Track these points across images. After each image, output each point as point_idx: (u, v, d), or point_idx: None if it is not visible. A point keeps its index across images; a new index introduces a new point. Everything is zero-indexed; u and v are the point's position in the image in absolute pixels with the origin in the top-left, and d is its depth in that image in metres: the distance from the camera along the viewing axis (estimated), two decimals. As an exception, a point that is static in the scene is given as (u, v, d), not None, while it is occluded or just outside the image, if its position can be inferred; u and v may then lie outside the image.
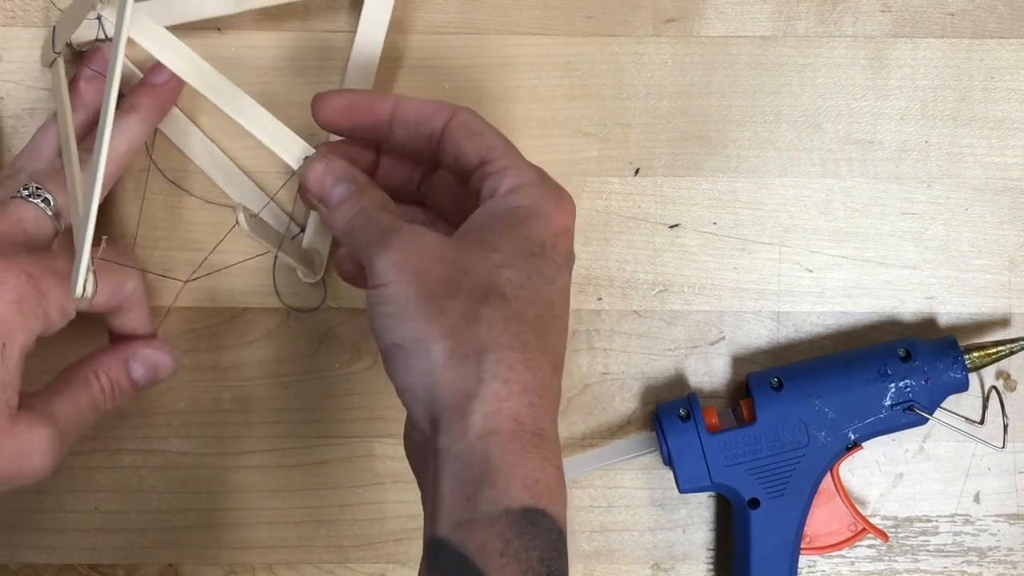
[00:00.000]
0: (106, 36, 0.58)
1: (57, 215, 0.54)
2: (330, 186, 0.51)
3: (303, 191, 0.53)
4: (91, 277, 0.50)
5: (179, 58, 0.52)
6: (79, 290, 0.50)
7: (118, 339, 0.58)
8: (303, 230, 0.61)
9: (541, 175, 0.50)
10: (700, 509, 0.62)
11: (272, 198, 0.60)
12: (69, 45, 0.58)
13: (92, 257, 0.50)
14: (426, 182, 0.56)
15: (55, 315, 0.52)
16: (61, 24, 0.58)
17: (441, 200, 0.56)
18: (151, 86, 0.58)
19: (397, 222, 0.49)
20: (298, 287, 0.61)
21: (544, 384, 0.46)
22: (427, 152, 0.52)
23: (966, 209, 0.62)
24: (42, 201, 0.54)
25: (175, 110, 0.60)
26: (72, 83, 0.58)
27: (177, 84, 0.59)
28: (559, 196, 0.50)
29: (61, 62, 0.58)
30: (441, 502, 0.44)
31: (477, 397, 0.44)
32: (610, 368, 0.62)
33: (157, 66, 0.58)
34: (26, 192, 0.54)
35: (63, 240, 0.55)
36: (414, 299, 0.46)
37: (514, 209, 0.49)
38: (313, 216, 0.60)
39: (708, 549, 0.63)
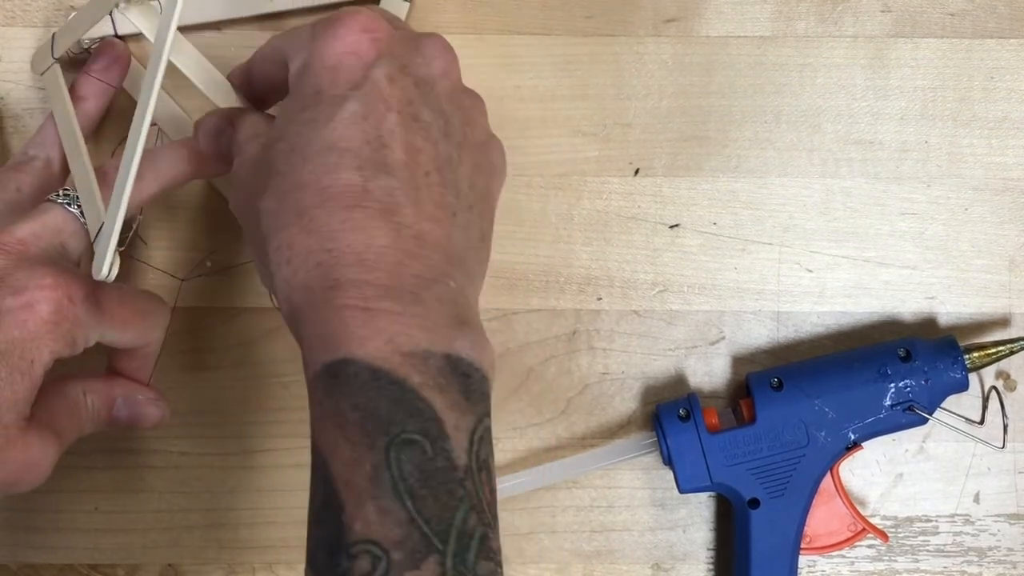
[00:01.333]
0: (116, 32, 0.58)
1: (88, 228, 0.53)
2: (214, 140, 0.52)
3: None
4: (117, 260, 0.50)
5: (193, 63, 0.52)
6: (104, 271, 0.50)
7: (113, 373, 0.57)
8: None
9: (315, 24, 0.47)
10: (700, 509, 0.62)
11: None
12: (75, 47, 0.58)
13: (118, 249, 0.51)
14: None
15: (80, 342, 0.51)
16: (67, 28, 0.57)
17: None
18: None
19: (232, 152, 0.50)
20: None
21: (331, 235, 0.43)
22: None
23: (966, 209, 0.62)
24: (79, 211, 0.52)
25: (178, 110, 0.60)
26: (78, 78, 0.58)
27: (124, 62, 0.59)
28: (332, 23, 0.46)
29: (58, 68, 0.58)
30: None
31: (274, 291, 0.45)
32: (610, 368, 0.62)
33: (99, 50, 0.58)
34: (65, 198, 0.52)
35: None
36: (245, 230, 0.48)
37: (295, 76, 0.47)
38: None
39: (708, 549, 0.63)
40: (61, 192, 0.52)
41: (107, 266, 0.50)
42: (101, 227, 0.50)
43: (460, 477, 0.40)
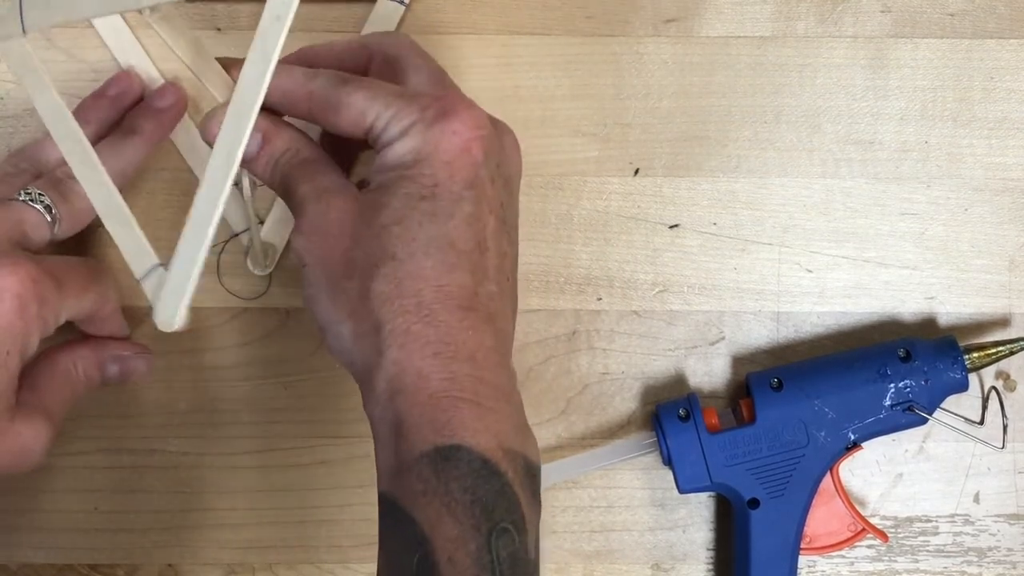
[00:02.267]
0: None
1: (53, 223, 0.54)
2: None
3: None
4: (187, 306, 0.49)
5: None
6: (179, 322, 0.48)
7: (94, 337, 0.58)
8: (262, 222, 0.61)
9: (424, 105, 0.48)
10: (700, 509, 0.63)
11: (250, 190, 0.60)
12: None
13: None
14: None
15: (51, 321, 0.52)
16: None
17: None
18: (156, 109, 0.58)
19: (305, 191, 0.49)
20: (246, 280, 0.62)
21: (448, 331, 0.46)
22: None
23: (966, 209, 0.62)
24: (43, 207, 0.54)
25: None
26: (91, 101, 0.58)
27: (180, 107, 0.59)
28: (446, 116, 0.47)
29: (27, 44, 0.52)
30: (378, 462, 0.46)
31: (379, 367, 0.46)
32: (610, 368, 0.62)
33: (162, 89, 0.58)
34: (28, 196, 0.54)
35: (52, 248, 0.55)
36: (324, 283, 0.48)
37: (401, 157, 0.47)
38: (275, 208, 0.61)
39: (708, 549, 0.63)
40: (23, 191, 0.54)
41: (180, 317, 0.49)
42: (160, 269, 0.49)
43: (532, 570, 0.46)
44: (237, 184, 0.59)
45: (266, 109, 0.49)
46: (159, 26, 0.54)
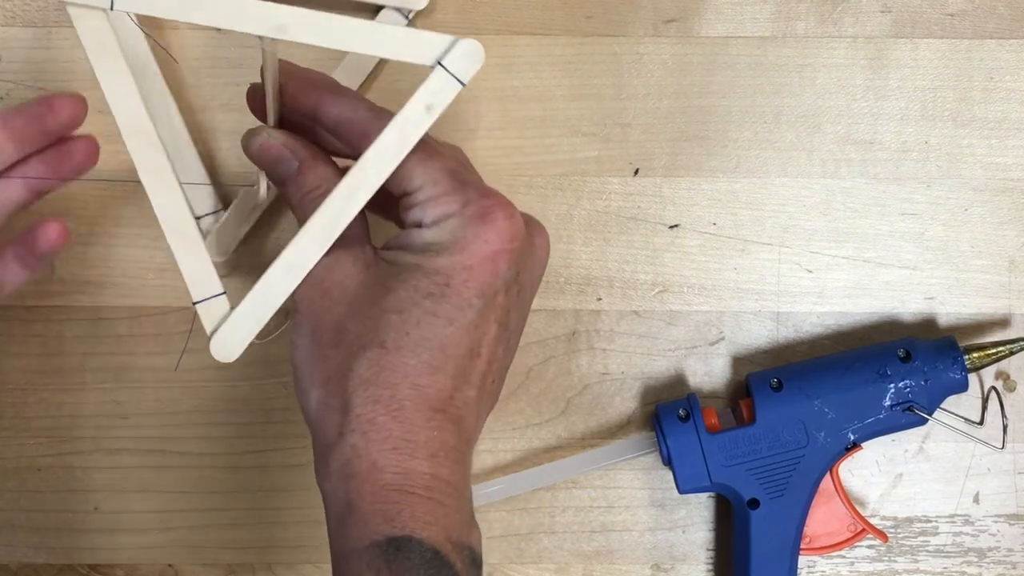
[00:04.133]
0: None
1: None
2: (271, 165, 0.50)
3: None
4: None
5: None
6: (237, 356, 0.48)
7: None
8: (226, 207, 0.60)
9: (467, 200, 0.48)
10: (700, 509, 0.63)
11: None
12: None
13: None
14: None
15: None
16: None
17: None
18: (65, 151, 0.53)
19: None
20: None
21: (412, 429, 0.46)
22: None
23: (966, 209, 0.62)
24: None
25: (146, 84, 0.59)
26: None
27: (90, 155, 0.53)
28: (484, 222, 0.47)
29: (107, 20, 0.47)
30: (329, 537, 0.47)
31: (337, 447, 0.46)
32: (610, 368, 0.62)
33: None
34: None
35: None
36: (308, 341, 0.48)
37: (428, 245, 0.48)
38: (241, 196, 0.60)
39: (708, 549, 0.63)
40: None
41: (240, 352, 0.48)
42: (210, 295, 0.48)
43: None
44: (253, 185, 0.59)
45: (309, 135, 0.49)
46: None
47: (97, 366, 0.61)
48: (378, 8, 0.60)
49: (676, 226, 0.62)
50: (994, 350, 0.59)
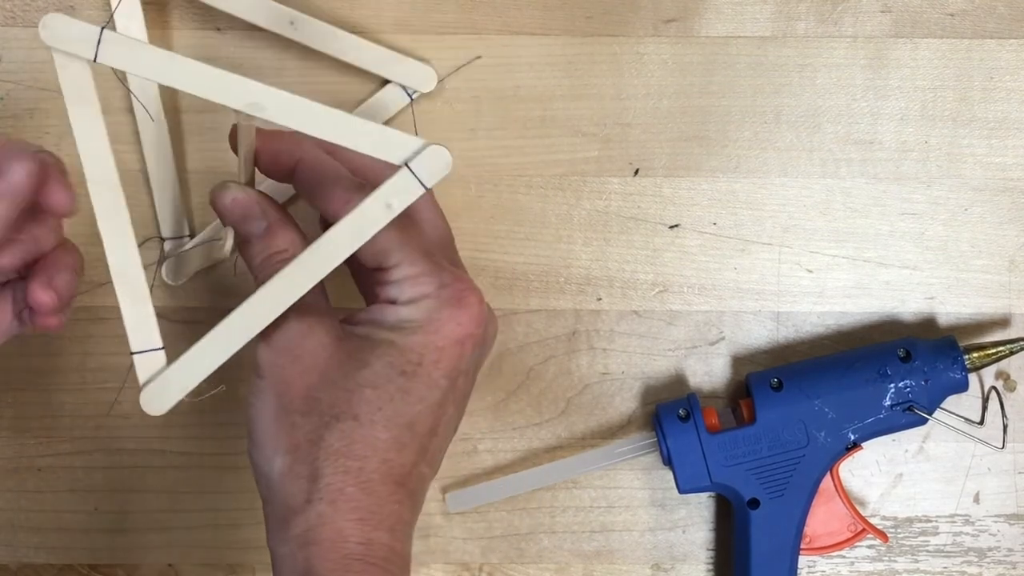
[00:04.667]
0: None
1: None
2: (240, 222, 0.50)
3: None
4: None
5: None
6: (165, 411, 0.49)
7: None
8: (192, 235, 0.61)
9: (443, 283, 0.49)
10: (700, 509, 0.63)
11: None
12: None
13: None
14: None
15: None
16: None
17: None
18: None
19: (283, 313, 0.48)
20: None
21: (379, 502, 0.47)
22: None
23: (966, 209, 0.62)
24: None
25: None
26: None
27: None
28: (458, 305, 0.48)
29: (89, 70, 0.46)
30: None
31: (302, 513, 0.47)
32: (610, 368, 0.62)
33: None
34: None
35: None
36: (273, 406, 0.48)
37: (402, 322, 0.48)
38: (209, 229, 0.61)
39: (708, 549, 0.63)
40: None
41: (169, 407, 0.49)
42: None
43: None
44: (219, 240, 0.59)
45: (276, 201, 0.50)
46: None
47: (97, 366, 0.61)
48: (385, 81, 0.60)
49: (676, 226, 0.62)
50: (994, 350, 0.59)
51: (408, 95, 0.60)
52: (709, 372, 0.62)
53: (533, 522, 0.62)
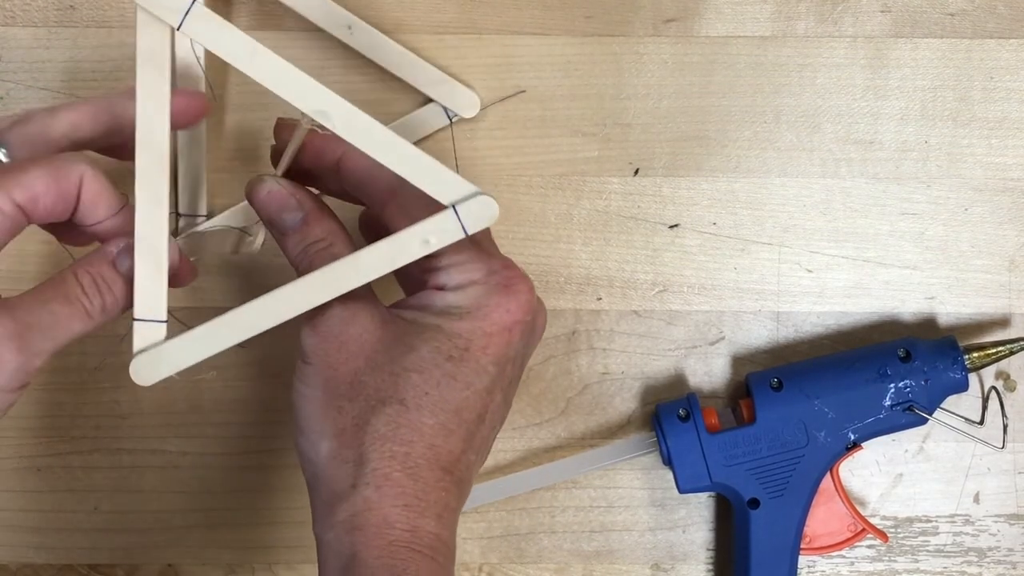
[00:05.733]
0: None
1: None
2: (276, 213, 0.50)
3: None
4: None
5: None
6: (153, 383, 0.48)
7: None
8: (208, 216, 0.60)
9: (491, 269, 0.48)
10: (700, 509, 0.63)
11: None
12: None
13: None
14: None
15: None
16: None
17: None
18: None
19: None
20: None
21: (425, 488, 0.47)
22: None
23: (966, 209, 0.62)
24: None
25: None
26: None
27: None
28: (507, 292, 0.48)
29: (172, 35, 0.46)
30: None
31: (348, 499, 0.46)
32: (610, 368, 0.62)
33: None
34: None
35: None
36: (320, 392, 0.48)
37: (449, 308, 0.48)
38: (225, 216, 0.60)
39: (708, 549, 0.63)
40: None
41: (157, 381, 0.48)
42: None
43: None
44: (247, 231, 0.59)
45: (317, 189, 0.49)
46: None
47: (97, 366, 0.61)
48: (427, 99, 0.60)
49: (676, 226, 0.62)
50: (994, 350, 0.59)
51: (448, 117, 0.60)
52: (709, 372, 0.62)
53: (533, 522, 0.62)
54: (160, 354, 0.48)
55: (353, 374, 0.48)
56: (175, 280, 0.50)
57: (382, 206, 0.50)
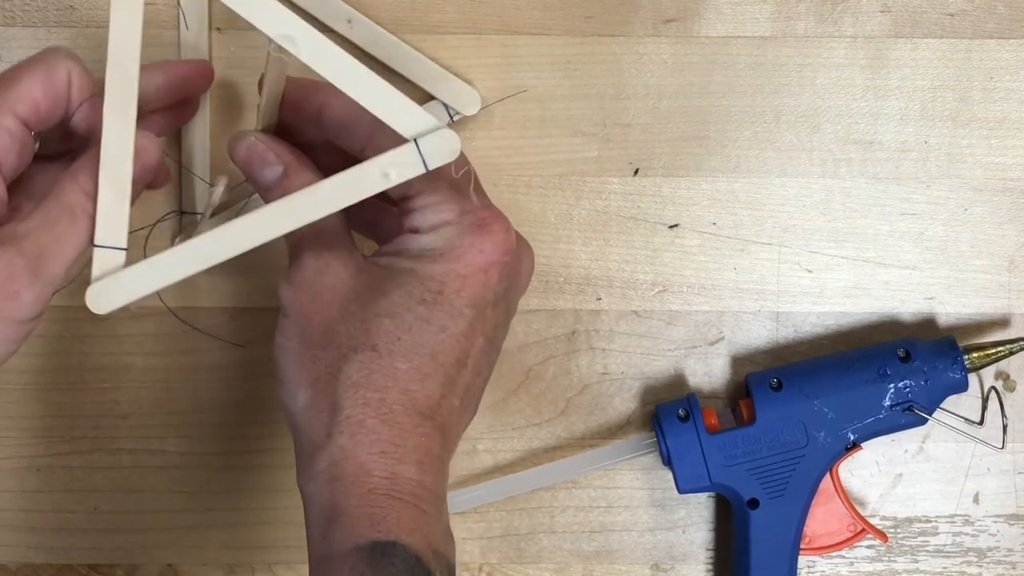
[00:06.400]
0: None
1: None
2: (257, 169, 0.50)
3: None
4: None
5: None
6: (108, 311, 0.48)
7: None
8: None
9: (465, 209, 0.48)
10: (700, 509, 0.63)
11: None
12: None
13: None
14: None
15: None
16: None
17: None
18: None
19: (307, 241, 0.48)
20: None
21: (402, 434, 0.46)
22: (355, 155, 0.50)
23: (966, 209, 0.62)
24: None
25: None
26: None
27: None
28: (481, 232, 0.48)
29: None
30: (308, 537, 0.46)
31: (324, 448, 0.46)
32: (609, 368, 0.62)
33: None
34: None
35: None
36: (296, 342, 0.48)
37: (423, 250, 0.48)
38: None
39: (708, 549, 0.63)
40: None
41: (113, 309, 0.48)
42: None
43: None
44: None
45: (296, 140, 0.49)
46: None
47: (97, 366, 0.61)
48: (429, 96, 0.60)
49: (676, 226, 0.62)
50: (994, 350, 0.59)
51: (449, 115, 0.60)
52: (709, 372, 0.62)
53: (533, 522, 0.62)
54: (117, 281, 0.48)
55: (327, 323, 0.48)
56: (154, 182, 0.51)
57: (361, 152, 0.49)
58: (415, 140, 0.46)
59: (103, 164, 0.47)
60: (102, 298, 0.48)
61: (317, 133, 0.52)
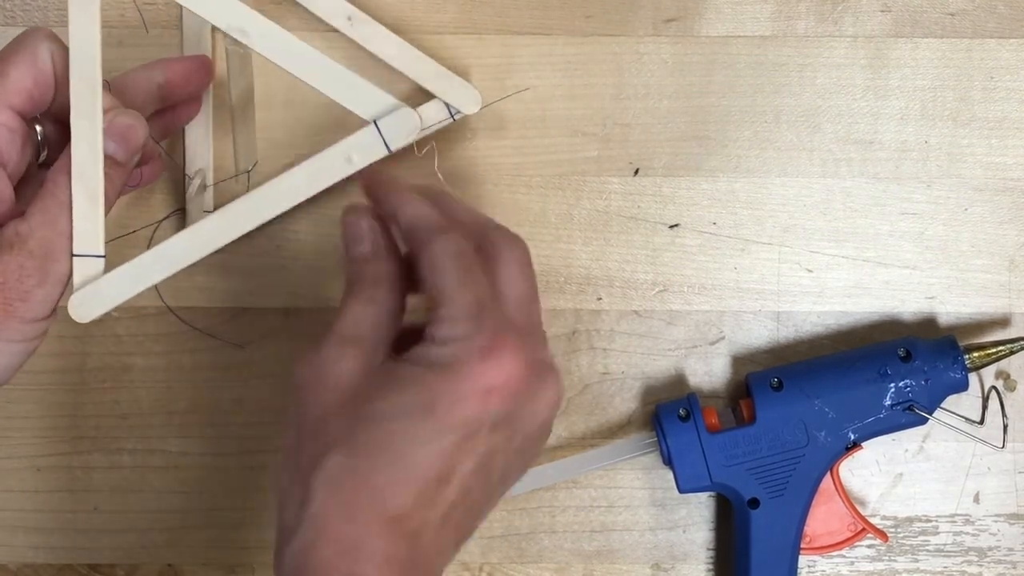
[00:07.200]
0: None
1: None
2: (348, 239, 0.50)
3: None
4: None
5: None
6: (89, 319, 0.48)
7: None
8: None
9: (480, 329, 0.46)
10: (700, 509, 0.63)
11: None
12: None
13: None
14: None
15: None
16: None
17: None
18: None
19: (336, 328, 0.48)
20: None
21: (362, 537, 0.45)
22: None
23: (966, 209, 0.62)
24: None
25: None
26: None
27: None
28: (489, 356, 0.46)
29: None
30: None
31: (292, 537, 0.46)
32: (610, 368, 0.62)
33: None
34: None
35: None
36: (295, 424, 0.48)
37: (432, 361, 0.47)
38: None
39: (708, 549, 0.63)
40: None
41: (94, 318, 0.48)
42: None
43: None
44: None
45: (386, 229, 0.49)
46: None
47: (97, 366, 0.61)
48: (429, 95, 0.59)
49: (676, 226, 0.62)
50: (994, 349, 0.59)
51: (451, 114, 0.60)
52: (709, 372, 0.62)
53: (533, 522, 0.62)
54: (97, 289, 0.48)
55: (323, 413, 0.47)
56: (148, 175, 0.51)
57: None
58: (375, 122, 0.46)
59: (74, 173, 0.47)
60: (83, 307, 0.48)
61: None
